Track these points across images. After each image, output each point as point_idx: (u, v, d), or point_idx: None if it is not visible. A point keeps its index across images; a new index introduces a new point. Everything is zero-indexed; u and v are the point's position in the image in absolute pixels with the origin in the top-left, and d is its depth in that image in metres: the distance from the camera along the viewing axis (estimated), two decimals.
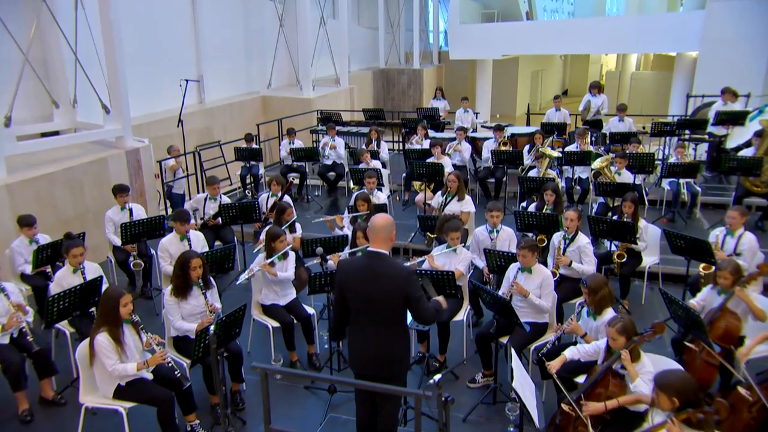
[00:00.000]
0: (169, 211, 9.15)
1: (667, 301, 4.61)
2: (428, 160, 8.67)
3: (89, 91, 8.55)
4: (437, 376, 3.05)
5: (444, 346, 5.41)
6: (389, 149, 12.13)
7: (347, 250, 5.73)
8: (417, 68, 19.76)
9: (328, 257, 5.65)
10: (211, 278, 4.94)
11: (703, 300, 4.91)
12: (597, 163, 7.70)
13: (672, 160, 8.79)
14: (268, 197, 7.60)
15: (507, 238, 6.10)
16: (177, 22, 12.32)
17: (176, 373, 4.18)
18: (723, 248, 5.81)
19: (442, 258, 5.62)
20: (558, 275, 5.70)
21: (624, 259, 6.29)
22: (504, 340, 4.96)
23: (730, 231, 5.83)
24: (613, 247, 6.48)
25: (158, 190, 9.35)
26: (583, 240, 5.75)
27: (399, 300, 3.48)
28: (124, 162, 8.43)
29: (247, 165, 10.06)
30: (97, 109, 8.62)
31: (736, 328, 4.58)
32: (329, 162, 10.11)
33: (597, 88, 11.12)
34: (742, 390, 4.02)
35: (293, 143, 10.17)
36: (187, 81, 8.69)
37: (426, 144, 9.74)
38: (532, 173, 8.14)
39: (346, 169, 10.07)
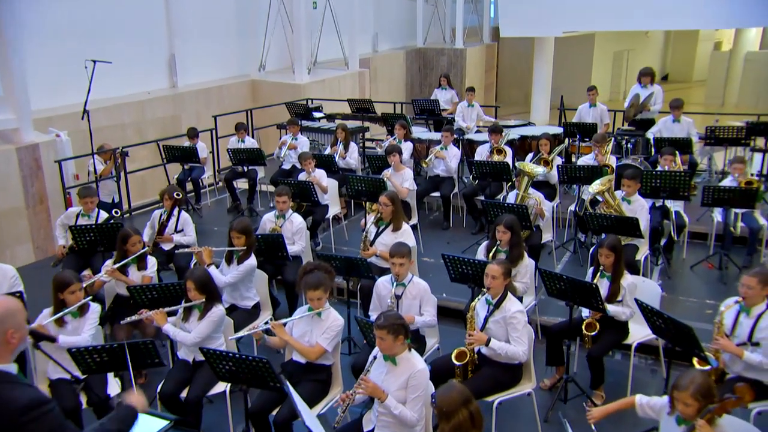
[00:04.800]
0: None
1: None
2: (384, 172, 7.43)
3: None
4: None
5: None
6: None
7: (182, 305, 4.67)
8: (459, 47, 18.25)
9: (147, 313, 4.60)
10: None
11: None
12: (595, 186, 6.16)
13: (727, 181, 7.06)
14: (161, 215, 6.70)
15: (417, 296, 4.82)
16: None
17: None
18: (733, 333, 4.25)
19: (302, 325, 4.43)
20: (469, 356, 4.37)
21: (594, 332, 4.85)
22: None
23: (744, 307, 4.26)
24: (586, 312, 5.05)
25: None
26: (513, 307, 4.39)
27: None
28: (15, 161, 7.76)
29: (186, 168, 9.18)
30: None
31: None
32: (287, 167, 9.05)
33: (649, 76, 9.37)
34: None
35: (243, 141, 9.21)
36: (94, 62, 7.84)
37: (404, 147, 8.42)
38: (512, 196, 6.70)
39: None
